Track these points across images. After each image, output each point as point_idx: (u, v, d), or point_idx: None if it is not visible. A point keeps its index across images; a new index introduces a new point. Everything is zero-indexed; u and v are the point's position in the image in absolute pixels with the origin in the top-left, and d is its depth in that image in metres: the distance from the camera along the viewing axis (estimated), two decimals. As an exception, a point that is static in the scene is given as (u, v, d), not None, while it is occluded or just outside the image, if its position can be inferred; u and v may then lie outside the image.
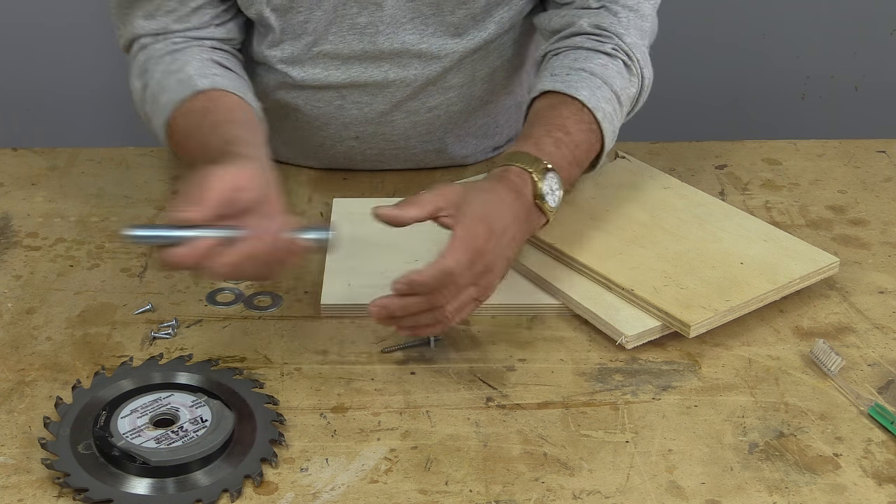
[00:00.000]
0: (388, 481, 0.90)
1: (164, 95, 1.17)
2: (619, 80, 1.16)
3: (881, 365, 1.03)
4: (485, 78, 1.30)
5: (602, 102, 1.13)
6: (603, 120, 1.12)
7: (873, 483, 0.90)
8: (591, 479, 0.90)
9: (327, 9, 1.21)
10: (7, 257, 1.19)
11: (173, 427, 0.92)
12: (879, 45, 2.24)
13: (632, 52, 1.18)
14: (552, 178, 1.06)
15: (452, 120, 1.31)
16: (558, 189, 1.06)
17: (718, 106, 2.26)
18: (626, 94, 1.16)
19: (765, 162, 1.38)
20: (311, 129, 1.31)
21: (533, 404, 0.98)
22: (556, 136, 1.09)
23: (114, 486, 0.88)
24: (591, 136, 1.13)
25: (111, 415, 0.93)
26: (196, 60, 1.19)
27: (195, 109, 1.14)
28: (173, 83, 1.17)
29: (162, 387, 0.97)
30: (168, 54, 1.20)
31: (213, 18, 1.22)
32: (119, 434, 0.91)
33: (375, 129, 1.30)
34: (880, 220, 1.26)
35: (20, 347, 1.05)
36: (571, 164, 1.10)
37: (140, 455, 0.89)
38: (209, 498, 0.87)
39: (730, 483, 0.90)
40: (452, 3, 1.22)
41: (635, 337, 1.04)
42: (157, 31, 1.21)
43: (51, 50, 2.14)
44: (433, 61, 1.25)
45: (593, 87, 1.13)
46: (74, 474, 0.88)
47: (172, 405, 0.94)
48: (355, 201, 1.28)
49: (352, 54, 1.24)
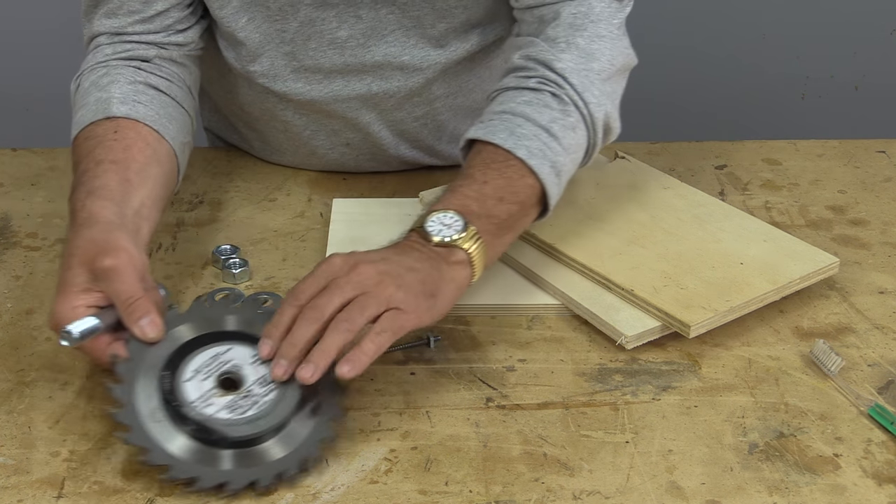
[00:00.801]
0: (388, 482, 0.90)
1: (80, 111, 1.14)
2: (546, 112, 1.07)
3: (881, 365, 1.03)
4: (471, 87, 1.29)
5: (523, 140, 1.05)
6: (528, 157, 1.04)
7: (873, 483, 0.90)
8: (591, 480, 0.90)
9: (303, 20, 1.19)
10: (7, 257, 1.19)
11: (242, 391, 0.91)
12: (879, 45, 2.24)
13: (563, 78, 1.09)
14: (434, 219, 0.99)
15: (440, 128, 1.31)
16: (453, 220, 0.99)
17: (718, 106, 2.26)
18: (562, 124, 1.08)
19: (765, 162, 1.38)
20: (301, 137, 1.31)
21: (533, 404, 0.98)
22: (453, 186, 1.04)
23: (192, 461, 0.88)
24: (509, 171, 1.04)
25: (174, 377, 0.91)
26: (125, 82, 1.15)
27: (95, 136, 1.11)
28: (92, 101, 1.14)
29: (218, 337, 0.94)
30: (105, 64, 1.17)
31: (176, 23, 1.19)
32: (188, 403, 0.90)
33: (364, 137, 1.29)
34: (880, 220, 1.26)
35: (20, 348, 1.05)
36: (481, 196, 1.02)
37: (218, 430, 0.88)
38: (290, 469, 0.88)
39: (730, 483, 0.90)
40: (433, 17, 1.20)
41: (635, 337, 1.04)
42: (116, 30, 1.18)
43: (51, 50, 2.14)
44: (416, 73, 1.24)
45: (512, 127, 1.06)
46: (154, 451, 0.88)
47: (234, 363, 0.92)
48: (355, 201, 1.28)
49: (333, 68, 1.23)
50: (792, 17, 2.20)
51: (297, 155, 1.34)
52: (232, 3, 1.19)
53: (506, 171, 1.04)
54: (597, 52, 1.11)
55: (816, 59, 2.24)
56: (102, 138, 1.10)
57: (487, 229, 1.01)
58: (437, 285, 0.96)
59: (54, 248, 1.20)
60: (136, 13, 1.17)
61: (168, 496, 0.88)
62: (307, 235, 1.23)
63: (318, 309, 0.92)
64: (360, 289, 0.93)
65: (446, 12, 1.20)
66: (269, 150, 1.36)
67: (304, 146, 1.32)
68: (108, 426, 0.95)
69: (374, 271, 0.94)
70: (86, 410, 0.97)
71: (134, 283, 0.94)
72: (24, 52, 2.17)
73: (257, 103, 1.29)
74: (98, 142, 1.10)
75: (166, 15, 1.18)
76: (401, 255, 0.97)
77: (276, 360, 0.91)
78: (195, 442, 0.89)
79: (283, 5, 1.18)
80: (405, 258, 0.97)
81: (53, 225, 1.25)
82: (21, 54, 2.17)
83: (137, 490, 0.89)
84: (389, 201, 1.28)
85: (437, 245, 0.99)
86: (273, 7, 1.19)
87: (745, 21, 2.21)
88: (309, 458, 0.89)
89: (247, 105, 1.31)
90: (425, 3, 1.19)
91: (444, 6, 1.19)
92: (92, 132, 1.11)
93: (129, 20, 1.18)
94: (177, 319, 0.96)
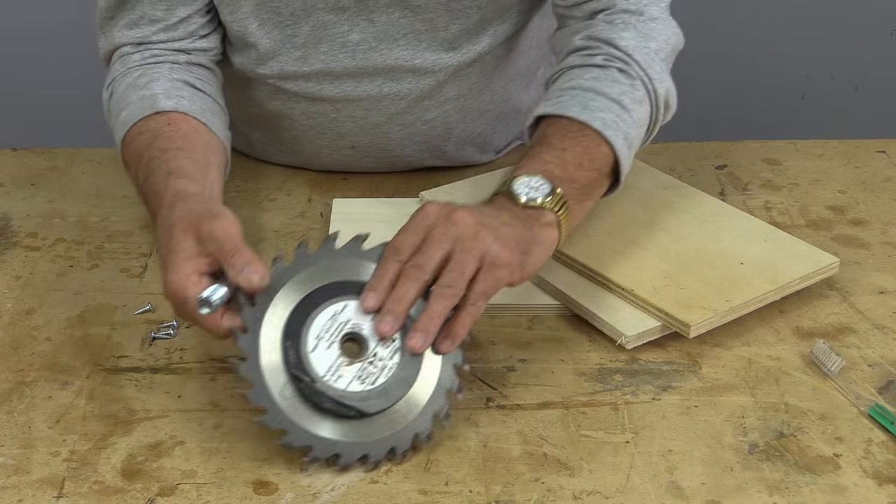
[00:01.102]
0: (388, 482, 0.90)
1: (125, 111, 1.15)
2: (616, 87, 1.10)
3: (881, 365, 1.03)
4: (481, 89, 1.29)
5: (597, 112, 1.07)
6: (604, 128, 1.07)
7: (873, 483, 0.90)
8: (592, 480, 0.90)
9: (315, 24, 1.20)
10: (7, 257, 1.19)
11: (367, 356, 0.90)
12: (879, 45, 2.24)
13: (628, 56, 1.12)
14: (520, 181, 1.00)
15: (449, 130, 1.31)
16: (541, 183, 1.00)
17: (718, 106, 2.26)
18: (631, 97, 1.10)
19: (765, 162, 1.38)
20: (307, 137, 1.31)
21: (533, 405, 0.98)
22: (532, 153, 1.05)
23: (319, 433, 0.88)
24: (586, 140, 1.06)
25: (298, 347, 0.88)
26: (165, 79, 1.17)
27: (149, 129, 1.12)
28: (136, 99, 1.15)
29: (330, 292, 0.91)
30: (139, 66, 1.18)
31: (199, 29, 1.20)
32: (319, 378, 0.88)
33: (371, 139, 1.29)
34: (880, 220, 1.26)
35: (20, 348, 1.05)
36: (562, 162, 1.03)
37: (354, 406, 0.88)
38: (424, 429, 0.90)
39: (730, 483, 0.90)
40: (446, 19, 1.20)
41: (635, 337, 1.04)
42: (140, 39, 1.19)
43: (51, 51, 2.15)
44: (427, 75, 1.24)
45: (585, 101, 1.08)
46: (293, 433, 0.88)
47: (353, 321, 0.90)
48: (355, 201, 1.28)
49: (344, 71, 1.23)
50: (792, 17, 2.20)
51: (301, 155, 1.34)
52: (242, 9, 1.19)
53: (582, 140, 1.06)
54: (653, 32, 1.15)
55: (816, 59, 2.24)
56: (158, 131, 1.11)
57: (571, 194, 1.02)
58: (529, 244, 0.96)
59: (54, 249, 1.20)
60: (160, 21, 1.19)
61: (168, 496, 0.88)
62: (307, 235, 1.23)
63: (420, 269, 0.91)
64: (458, 240, 0.92)
65: (460, 13, 1.20)
66: (272, 150, 1.36)
67: (308, 146, 1.32)
68: (108, 426, 0.95)
69: (471, 220, 0.93)
70: (86, 410, 0.97)
71: (238, 237, 0.92)
72: (24, 52, 2.17)
73: (264, 104, 1.29)
74: (155, 134, 1.11)
75: (189, 21, 1.19)
76: (494, 211, 0.97)
77: (382, 315, 0.90)
78: (328, 416, 0.88)
79: (295, 10, 1.18)
80: (499, 213, 0.97)
81: (53, 225, 1.25)
82: (21, 54, 2.17)
83: (137, 490, 0.89)
84: (389, 201, 1.28)
85: (525, 206, 0.99)
86: (285, 13, 1.19)
87: (745, 21, 2.21)
88: (440, 414, 0.91)
89: (252, 105, 1.31)
90: (439, 5, 1.19)
91: (459, 7, 1.19)
92: (145, 126, 1.12)
93: (152, 29, 1.19)
94: (284, 275, 0.91)
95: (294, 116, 1.29)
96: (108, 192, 1.31)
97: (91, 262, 1.18)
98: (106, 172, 1.35)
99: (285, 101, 1.27)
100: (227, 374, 1.01)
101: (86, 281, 1.15)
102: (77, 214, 1.27)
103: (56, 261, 1.18)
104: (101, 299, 1.12)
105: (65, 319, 1.09)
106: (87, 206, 1.28)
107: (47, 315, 1.10)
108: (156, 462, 0.91)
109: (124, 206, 1.28)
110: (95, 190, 1.31)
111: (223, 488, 0.89)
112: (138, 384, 1.00)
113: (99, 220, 1.25)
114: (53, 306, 1.11)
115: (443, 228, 0.93)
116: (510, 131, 1.38)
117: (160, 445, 0.93)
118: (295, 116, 1.29)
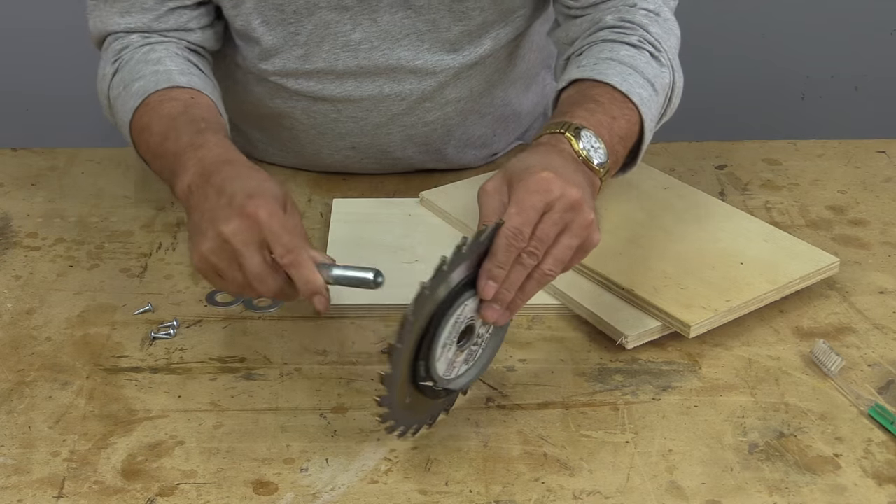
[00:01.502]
0: (388, 482, 0.90)
1: (137, 83, 1.14)
2: (650, 68, 1.11)
3: (881, 365, 1.03)
4: (482, 92, 1.29)
5: (636, 88, 1.08)
6: (640, 104, 1.07)
7: (873, 483, 0.90)
8: (592, 480, 0.90)
9: (318, 23, 1.20)
10: (7, 257, 1.19)
11: (473, 338, 0.91)
12: (879, 45, 2.24)
13: (659, 43, 1.14)
14: (588, 135, 1.01)
15: (450, 132, 1.31)
16: (600, 146, 1.01)
17: (718, 106, 2.26)
18: (661, 82, 1.12)
19: (765, 162, 1.38)
20: (307, 138, 1.31)
21: (533, 404, 0.98)
22: (588, 107, 1.05)
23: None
24: (629, 115, 1.07)
25: (428, 362, 0.88)
26: (175, 56, 1.18)
27: (176, 98, 1.12)
28: (149, 73, 1.15)
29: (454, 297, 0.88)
30: (146, 45, 1.18)
31: (190, 21, 1.20)
32: (440, 378, 0.90)
33: (371, 140, 1.29)
34: (880, 220, 1.26)
35: (20, 348, 1.05)
36: (611, 131, 1.04)
37: (462, 388, 0.93)
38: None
39: (730, 483, 0.90)
40: (448, 20, 1.20)
41: (635, 337, 1.04)
42: (133, 29, 1.20)
43: (51, 51, 2.14)
44: (428, 76, 1.24)
45: (624, 74, 1.09)
46: (401, 423, 0.90)
47: (467, 316, 0.90)
48: (355, 201, 1.28)
49: (346, 71, 1.23)
50: (792, 17, 2.20)
51: (301, 156, 1.34)
52: (245, 5, 1.19)
53: (626, 113, 1.07)
54: (671, 30, 1.18)
55: (816, 59, 2.24)
56: (187, 101, 1.11)
57: (610, 167, 1.03)
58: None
59: (54, 248, 1.20)
60: (151, 11, 1.19)
61: (168, 496, 0.88)
62: (307, 235, 1.23)
63: (534, 256, 0.90)
64: (569, 220, 0.92)
65: (463, 15, 1.20)
66: (272, 150, 1.36)
67: (308, 146, 1.32)
68: (108, 426, 0.95)
69: (579, 196, 0.92)
70: (86, 410, 0.97)
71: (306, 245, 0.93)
72: (24, 52, 2.17)
73: (265, 102, 1.29)
74: (183, 102, 1.11)
75: (180, 13, 1.20)
76: (577, 170, 0.97)
77: (491, 303, 0.90)
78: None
79: (298, 8, 1.18)
80: (580, 173, 0.97)
81: (53, 225, 1.25)
82: (21, 54, 2.17)
83: (137, 490, 0.89)
84: (389, 201, 1.28)
85: (585, 161, 1.00)
86: (288, 10, 1.19)
87: (745, 21, 2.21)
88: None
89: (253, 104, 1.31)
90: (442, 6, 1.19)
91: (462, 8, 1.19)
92: (167, 95, 1.12)
93: (144, 19, 1.19)
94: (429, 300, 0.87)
95: (295, 116, 1.29)
96: (108, 192, 1.31)
97: (91, 262, 1.18)
98: (106, 172, 1.35)
99: (286, 99, 1.27)
100: (227, 374, 1.01)
101: (86, 281, 1.15)
102: (77, 214, 1.27)
103: (56, 261, 1.18)
104: (101, 299, 1.12)
105: (65, 319, 1.09)
106: (87, 206, 1.28)
107: (47, 315, 1.10)
108: (156, 462, 0.91)
109: (124, 206, 1.28)
110: (95, 190, 1.31)
111: (223, 488, 0.89)
112: (138, 384, 1.00)
113: (99, 220, 1.25)
114: (53, 306, 1.11)
115: (559, 214, 0.91)
116: (510, 134, 1.39)
117: (160, 445, 0.93)
118: (296, 116, 1.29)
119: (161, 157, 1.08)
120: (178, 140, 1.05)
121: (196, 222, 0.95)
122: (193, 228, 0.96)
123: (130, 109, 1.13)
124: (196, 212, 0.96)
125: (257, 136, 1.37)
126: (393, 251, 1.15)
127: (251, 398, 0.99)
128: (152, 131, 1.10)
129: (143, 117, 1.12)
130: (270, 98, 1.28)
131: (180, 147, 1.03)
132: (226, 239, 0.91)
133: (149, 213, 1.27)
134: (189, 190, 0.99)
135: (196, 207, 0.96)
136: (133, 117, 1.13)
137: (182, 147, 1.03)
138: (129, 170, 1.35)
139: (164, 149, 1.07)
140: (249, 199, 0.92)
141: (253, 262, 0.92)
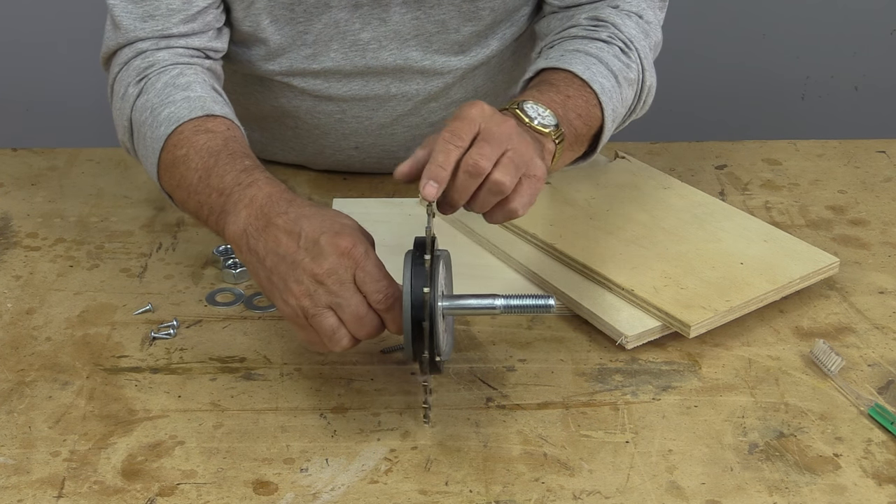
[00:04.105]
0: (388, 482, 0.90)
1: (168, 108, 1.08)
2: (616, 62, 1.12)
3: (881, 365, 1.03)
4: (487, 92, 1.29)
5: (598, 77, 1.09)
6: (601, 93, 1.08)
7: (873, 483, 0.90)
8: (591, 480, 0.90)
9: (328, 22, 1.20)
10: (7, 257, 1.19)
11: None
12: (879, 45, 2.24)
13: (630, 42, 1.15)
14: (532, 105, 1.01)
15: None
16: (546, 112, 1.01)
17: (718, 106, 2.26)
18: (625, 76, 1.12)
19: (765, 162, 1.38)
20: (311, 137, 1.31)
21: (533, 404, 0.98)
22: (540, 88, 1.06)
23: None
24: (587, 97, 1.08)
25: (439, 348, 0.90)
26: (204, 84, 1.12)
27: (212, 129, 1.07)
28: (180, 99, 1.09)
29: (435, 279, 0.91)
30: (175, 65, 1.13)
31: (214, 21, 1.17)
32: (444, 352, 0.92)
33: (375, 140, 1.29)
34: (880, 220, 1.26)
35: (20, 347, 1.05)
36: (565, 107, 1.05)
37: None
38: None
39: (730, 483, 0.90)
40: (458, 21, 1.21)
41: (635, 337, 1.04)
42: (159, 33, 1.13)
43: (51, 51, 2.15)
44: (436, 77, 1.24)
45: (587, 63, 1.10)
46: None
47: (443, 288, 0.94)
48: (355, 201, 1.28)
49: (353, 70, 1.23)
50: (792, 17, 2.20)
51: (303, 153, 1.34)
52: (256, 5, 1.18)
53: (584, 94, 1.08)
54: (650, 32, 1.18)
55: (816, 59, 2.24)
56: (222, 133, 1.07)
57: (567, 136, 1.03)
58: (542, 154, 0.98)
59: (54, 249, 1.20)
60: (179, 12, 1.13)
61: (168, 496, 0.88)
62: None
63: (479, 168, 0.90)
64: (509, 144, 0.92)
65: (473, 14, 1.20)
66: (273, 148, 1.36)
67: (311, 145, 1.32)
68: (108, 426, 0.95)
69: (517, 129, 0.94)
70: (86, 410, 0.97)
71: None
72: (23, 52, 2.17)
73: (268, 102, 1.29)
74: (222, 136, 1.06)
75: (207, 12, 1.15)
76: (524, 130, 0.97)
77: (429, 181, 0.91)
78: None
79: (308, 7, 1.18)
80: (527, 133, 0.97)
81: (53, 225, 1.25)
82: (21, 55, 2.17)
83: (137, 490, 0.89)
84: (389, 201, 1.28)
85: (534, 128, 1.00)
86: (298, 10, 1.18)
87: (745, 21, 2.21)
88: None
89: (254, 103, 1.31)
90: (452, 7, 1.19)
91: (472, 8, 1.20)
92: (202, 125, 1.07)
93: (172, 21, 1.13)
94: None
95: (299, 115, 1.29)
96: (108, 192, 1.31)
97: (91, 262, 1.18)
98: (106, 172, 1.35)
99: (291, 98, 1.27)
100: (227, 374, 1.01)
101: (86, 281, 1.15)
102: (77, 214, 1.27)
103: (56, 261, 1.18)
104: (101, 299, 1.12)
105: (65, 319, 1.09)
106: (87, 206, 1.28)
107: (47, 315, 1.10)
108: (156, 462, 0.91)
109: (124, 206, 1.28)
110: (95, 190, 1.31)
111: (223, 488, 0.89)
112: (138, 384, 1.00)
113: (99, 220, 1.25)
114: (53, 306, 1.11)
115: (498, 130, 0.92)
116: None
117: (160, 445, 0.93)
118: (300, 115, 1.29)
119: (200, 194, 1.03)
120: (222, 178, 1.01)
121: (272, 268, 0.92)
122: (271, 278, 0.93)
123: (161, 137, 1.07)
124: (268, 258, 0.93)
125: (258, 134, 1.36)
126: (393, 251, 1.15)
127: (251, 398, 0.99)
128: (190, 165, 1.04)
129: (178, 148, 1.06)
130: (274, 98, 1.28)
131: (226, 184, 1.00)
132: (320, 280, 0.89)
133: (149, 213, 1.27)
134: (246, 234, 0.96)
135: (266, 253, 0.93)
136: (164, 146, 1.07)
137: (228, 185, 1.00)
138: (129, 170, 1.35)
139: (208, 185, 1.02)
140: (338, 237, 0.91)
141: (352, 303, 0.90)
